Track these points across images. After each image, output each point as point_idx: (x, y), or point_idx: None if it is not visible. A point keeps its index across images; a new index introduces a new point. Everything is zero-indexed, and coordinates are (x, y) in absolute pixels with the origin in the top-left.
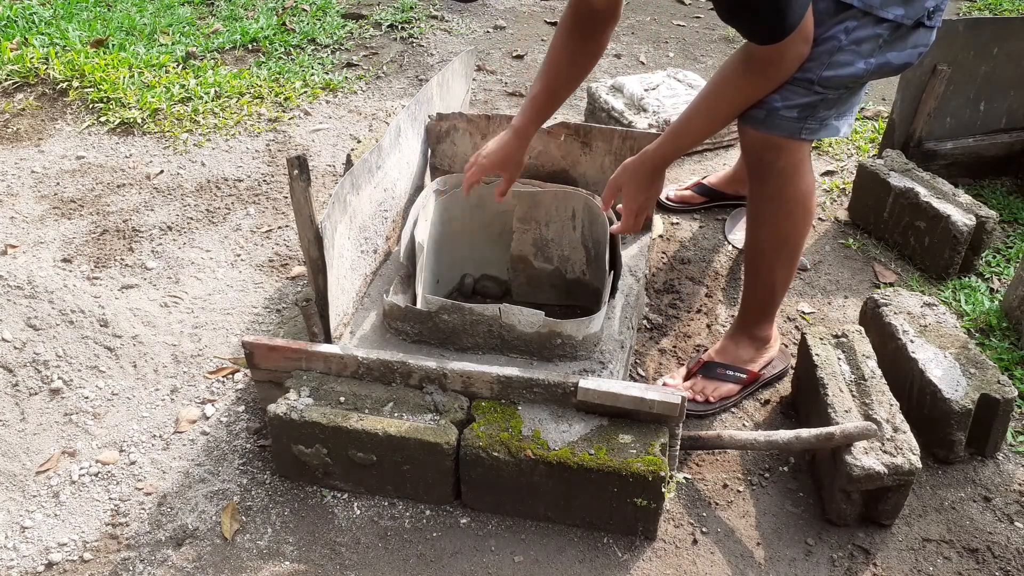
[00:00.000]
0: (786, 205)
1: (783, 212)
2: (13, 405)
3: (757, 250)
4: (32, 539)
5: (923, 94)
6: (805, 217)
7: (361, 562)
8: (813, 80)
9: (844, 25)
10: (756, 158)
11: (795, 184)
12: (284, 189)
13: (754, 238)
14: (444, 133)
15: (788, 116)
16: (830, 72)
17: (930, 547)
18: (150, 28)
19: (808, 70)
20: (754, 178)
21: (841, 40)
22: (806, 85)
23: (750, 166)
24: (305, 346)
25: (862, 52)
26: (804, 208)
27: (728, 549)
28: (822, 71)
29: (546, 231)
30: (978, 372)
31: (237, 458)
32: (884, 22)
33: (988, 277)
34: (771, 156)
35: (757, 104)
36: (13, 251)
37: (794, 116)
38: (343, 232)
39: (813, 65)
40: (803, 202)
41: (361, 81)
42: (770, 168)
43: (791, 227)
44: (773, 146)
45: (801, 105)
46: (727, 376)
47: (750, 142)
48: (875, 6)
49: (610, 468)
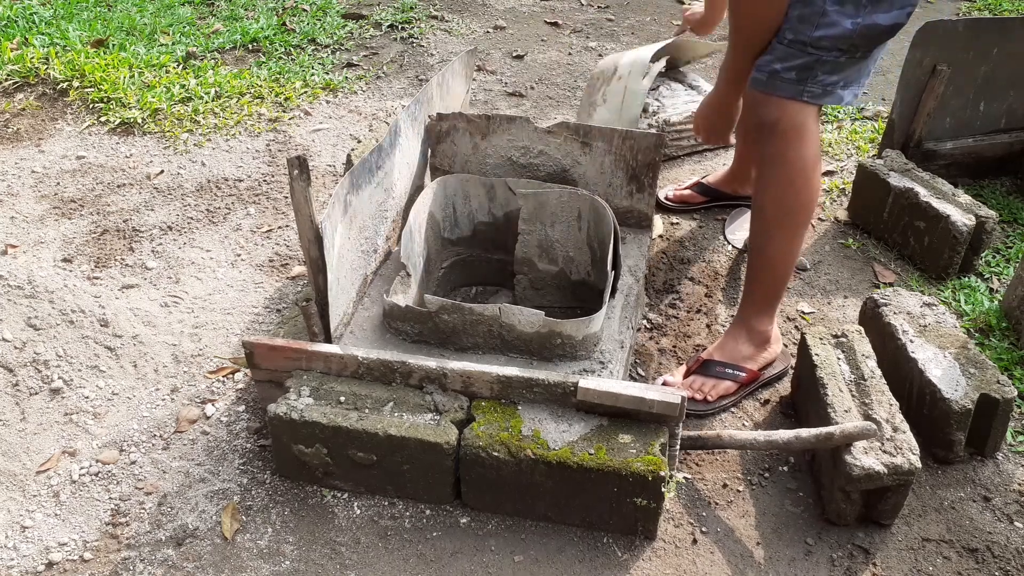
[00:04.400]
0: (788, 170)
1: (785, 178)
2: (13, 405)
3: (760, 221)
4: (32, 539)
5: (923, 94)
6: (807, 188)
7: (361, 561)
8: (805, 42)
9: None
10: (757, 118)
11: (797, 148)
12: (284, 189)
13: (758, 207)
14: (444, 133)
15: (787, 78)
16: (820, 32)
17: (930, 547)
18: (150, 28)
19: (800, 32)
20: (756, 142)
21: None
22: (799, 47)
23: (754, 129)
24: (305, 346)
25: (846, 12)
26: (806, 178)
27: (728, 549)
28: (811, 32)
29: (552, 232)
30: (978, 372)
31: (237, 458)
32: None
33: (988, 277)
34: (772, 115)
35: (759, 68)
36: (13, 251)
37: (792, 78)
38: (343, 232)
39: (803, 27)
40: (805, 170)
41: (361, 81)
42: (772, 129)
43: (792, 195)
44: (773, 107)
45: (798, 67)
46: (725, 374)
47: (752, 101)
48: None
49: (610, 468)
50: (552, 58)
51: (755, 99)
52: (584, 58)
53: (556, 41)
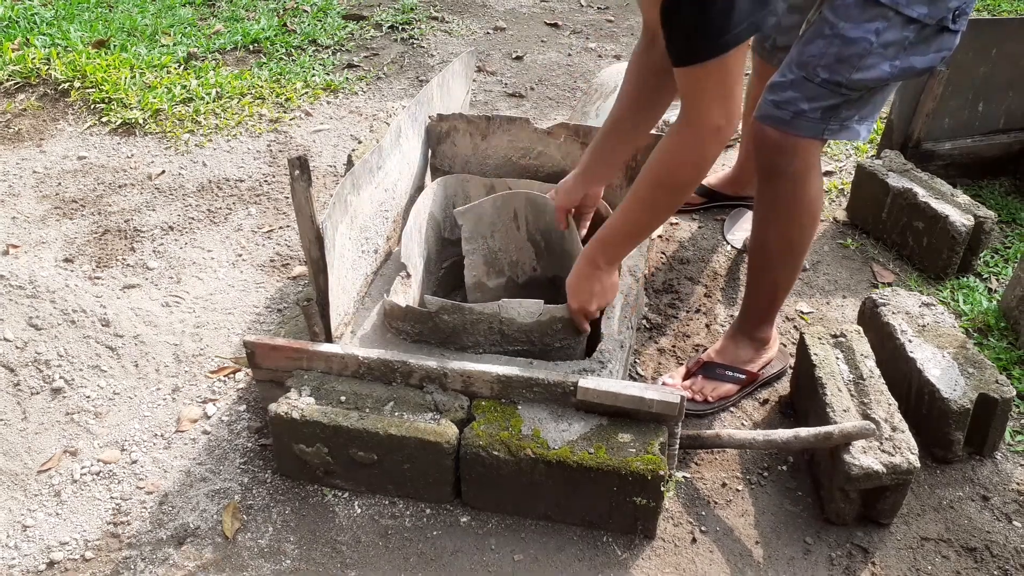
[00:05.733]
0: (795, 210)
1: (791, 216)
2: (15, 404)
3: (762, 253)
4: (34, 538)
5: (921, 95)
6: (812, 223)
7: (362, 561)
8: (842, 83)
9: (875, 25)
10: (770, 160)
11: (805, 188)
12: (285, 189)
13: (760, 241)
14: (444, 134)
15: (812, 117)
16: (859, 75)
17: (928, 546)
18: (151, 29)
19: (838, 72)
20: (765, 180)
21: (871, 42)
22: (834, 87)
23: (762, 168)
24: (306, 346)
25: (888, 55)
26: (811, 214)
27: (727, 548)
28: (851, 74)
29: (492, 243)
30: (976, 372)
31: (238, 457)
32: (911, 23)
33: (986, 277)
34: (786, 159)
35: (779, 106)
36: (15, 251)
37: (818, 117)
38: (344, 232)
39: (843, 68)
40: (811, 208)
41: (362, 82)
42: (783, 171)
43: (797, 232)
44: (790, 148)
45: (826, 107)
46: (726, 376)
47: (766, 142)
48: (901, 3)
49: (609, 467)
50: (552, 59)
51: (772, 139)
52: (584, 59)
53: (556, 42)
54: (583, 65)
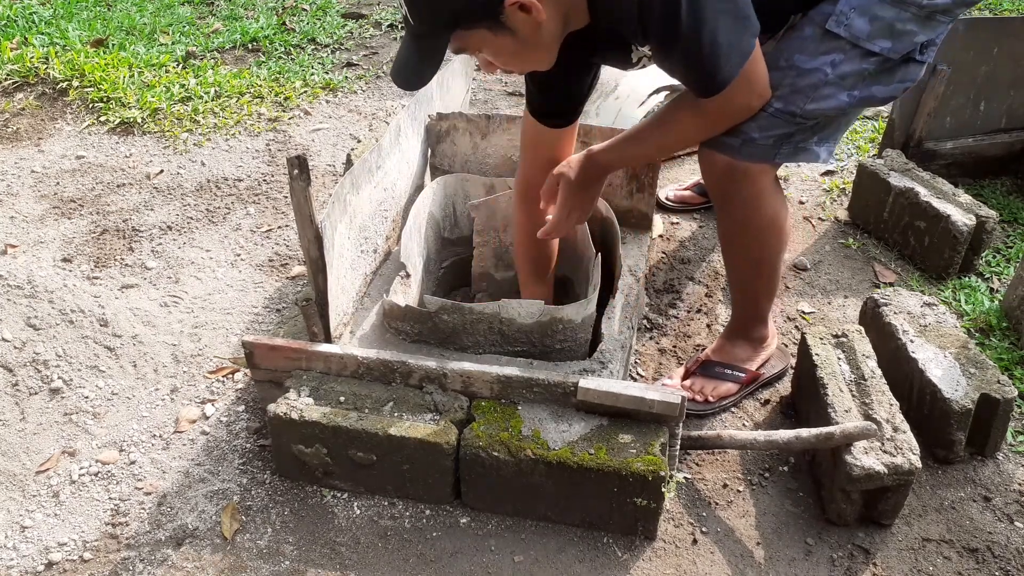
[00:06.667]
0: (755, 232)
1: (751, 238)
2: (13, 405)
3: (734, 270)
4: (32, 539)
5: (923, 94)
6: (778, 238)
7: (361, 562)
8: (796, 113)
9: (831, 58)
10: (719, 187)
11: (761, 211)
12: (284, 189)
13: (729, 259)
14: (444, 133)
15: (763, 144)
16: (813, 105)
17: (930, 547)
18: (150, 28)
19: (792, 103)
20: (719, 205)
21: (827, 73)
22: (787, 118)
23: (714, 194)
24: (305, 346)
25: (845, 85)
26: (775, 230)
27: (728, 549)
28: (806, 104)
29: (504, 237)
30: (978, 372)
31: (237, 458)
32: (871, 56)
33: (988, 277)
34: (735, 186)
35: (730, 133)
36: (13, 251)
37: (769, 144)
38: (343, 232)
39: (798, 98)
40: (771, 226)
41: (361, 81)
42: (734, 197)
43: (763, 250)
44: (739, 174)
45: (778, 135)
46: (726, 375)
47: (714, 169)
48: (861, 38)
49: (610, 468)
50: None
51: (717, 165)
52: None
53: None
54: None
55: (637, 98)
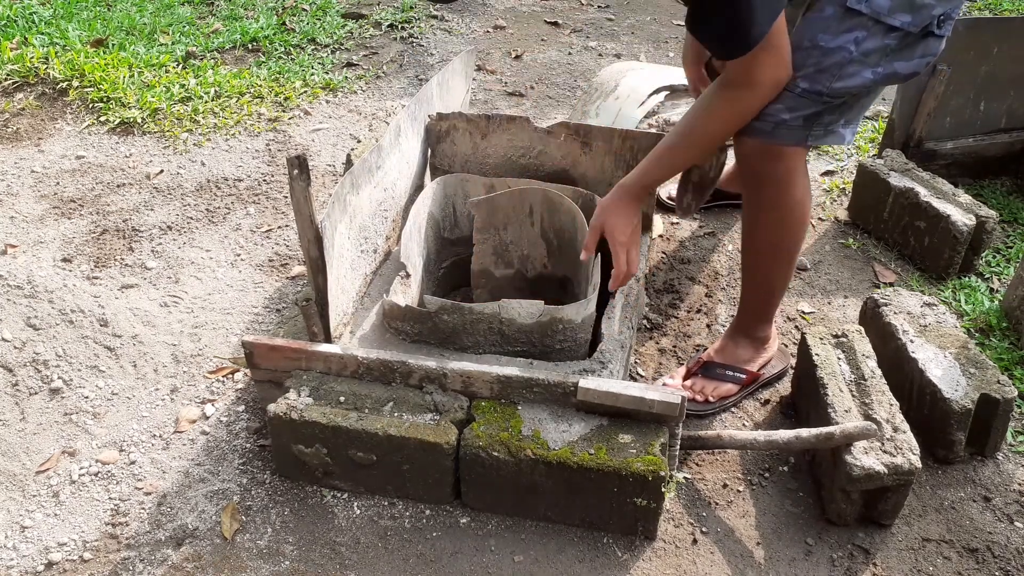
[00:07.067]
0: (781, 213)
1: (778, 220)
2: (13, 405)
3: (753, 255)
4: (32, 539)
5: (923, 94)
6: (801, 223)
7: (361, 562)
8: (823, 92)
9: (854, 35)
10: (754, 168)
11: (791, 192)
12: (284, 189)
13: (750, 244)
14: (444, 133)
15: (794, 125)
16: (840, 84)
17: (930, 547)
18: (150, 28)
19: (819, 82)
20: (750, 186)
21: (851, 51)
22: (814, 97)
23: (746, 175)
24: (305, 346)
25: (869, 62)
26: (799, 214)
27: (728, 549)
28: (832, 83)
29: (504, 235)
30: (978, 372)
31: (237, 458)
32: (893, 31)
33: (988, 277)
34: (770, 166)
35: (760, 117)
36: (13, 251)
37: (800, 125)
38: (343, 232)
39: (824, 77)
40: (798, 209)
41: (361, 81)
42: (768, 177)
43: (786, 233)
44: (774, 155)
45: (807, 115)
46: (726, 376)
47: (749, 152)
48: (883, 13)
49: (610, 468)
50: (552, 58)
51: (753, 149)
52: (584, 58)
53: (556, 41)
54: (583, 64)
55: (637, 98)
